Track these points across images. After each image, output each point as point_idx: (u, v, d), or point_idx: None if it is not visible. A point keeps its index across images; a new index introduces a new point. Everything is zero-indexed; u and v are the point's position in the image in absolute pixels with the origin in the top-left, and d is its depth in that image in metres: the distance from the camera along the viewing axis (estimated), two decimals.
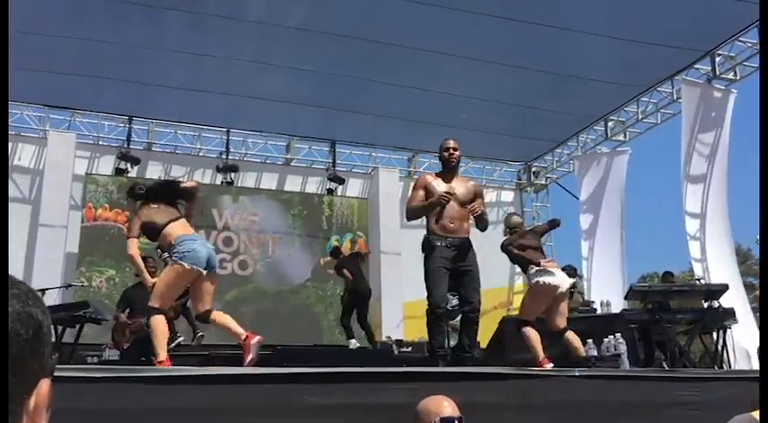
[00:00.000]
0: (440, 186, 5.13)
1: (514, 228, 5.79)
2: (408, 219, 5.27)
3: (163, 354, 4.15)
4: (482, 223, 5.17)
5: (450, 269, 4.93)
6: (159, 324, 4.23)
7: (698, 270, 9.44)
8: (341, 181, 12.87)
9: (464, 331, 5.12)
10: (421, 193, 5.17)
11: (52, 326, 0.75)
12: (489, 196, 14.10)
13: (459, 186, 5.20)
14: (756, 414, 2.87)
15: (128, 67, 10.02)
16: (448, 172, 5.25)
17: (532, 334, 5.03)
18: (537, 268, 5.21)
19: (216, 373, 3.52)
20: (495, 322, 7.30)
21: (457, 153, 5.25)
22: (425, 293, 4.95)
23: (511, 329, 6.94)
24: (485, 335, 7.46)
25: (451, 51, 9.59)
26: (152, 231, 4.50)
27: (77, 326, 6.34)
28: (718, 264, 9.39)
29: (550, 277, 5.14)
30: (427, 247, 5.03)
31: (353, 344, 8.76)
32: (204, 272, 4.34)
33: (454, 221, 5.05)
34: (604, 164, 11.98)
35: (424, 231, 5.11)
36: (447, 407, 2.54)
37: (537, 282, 5.16)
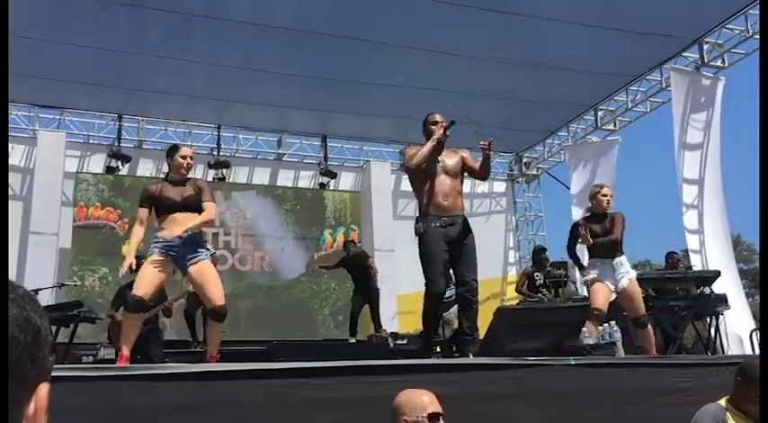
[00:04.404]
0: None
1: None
2: (415, 164, 4.83)
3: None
4: (487, 168, 4.97)
5: (448, 250, 4.69)
6: None
7: (692, 243, 9.45)
8: (333, 175, 12.86)
9: (463, 314, 4.90)
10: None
11: (49, 328, 0.74)
12: (482, 187, 14.13)
13: (449, 159, 4.93)
14: (723, 401, 2.96)
15: (116, 73, 10.02)
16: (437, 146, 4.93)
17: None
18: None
19: (212, 370, 3.52)
20: (490, 313, 7.31)
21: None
22: (423, 283, 4.82)
23: (505, 320, 6.98)
24: (481, 325, 7.49)
25: (440, 48, 9.58)
26: None
27: (71, 325, 6.34)
28: (713, 242, 9.42)
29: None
30: (417, 232, 4.77)
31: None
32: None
33: (448, 198, 4.79)
34: (595, 153, 12.01)
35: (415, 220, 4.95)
36: (429, 402, 2.46)
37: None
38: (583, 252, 5.80)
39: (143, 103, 11.33)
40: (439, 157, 4.86)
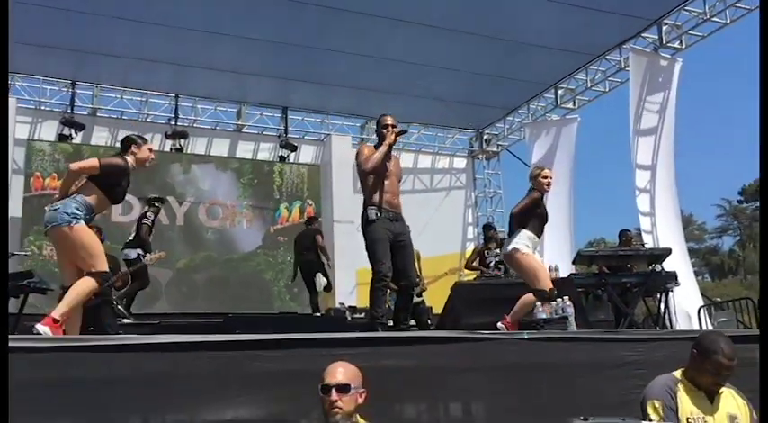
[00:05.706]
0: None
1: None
2: (372, 167, 4.98)
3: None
4: None
5: (391, 241, 4.95)
6: None
7: (645, 224, 9.67)
8: (293, 148, 12.75)
9: (401, 305, 5.12)
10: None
11: None
12: (442, 163, 14.18)
13: (395, 164, 5.21)
14: (678, 373, 3.04)
15: (69, 34, 9.73)
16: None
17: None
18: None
19: (166, 341, 3.48)
20: (448, 288, 7.39)
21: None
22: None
23: (462, 294, 7.07)
24: (438, 300, 7.57)
25: (403, 17, 9.52)
26: None
27: (21, 296, 6.18)
28: (664, 222, 9.65)
29: None
30: (370, 217, 4.99)
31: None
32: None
33: (395, 198, 5.11)
34: (554, 131, 12.12)
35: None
36: (335, 375, 2.64)
37: None
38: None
39: (98, 68, 11.01)
40: (387, 163, 5.11)
